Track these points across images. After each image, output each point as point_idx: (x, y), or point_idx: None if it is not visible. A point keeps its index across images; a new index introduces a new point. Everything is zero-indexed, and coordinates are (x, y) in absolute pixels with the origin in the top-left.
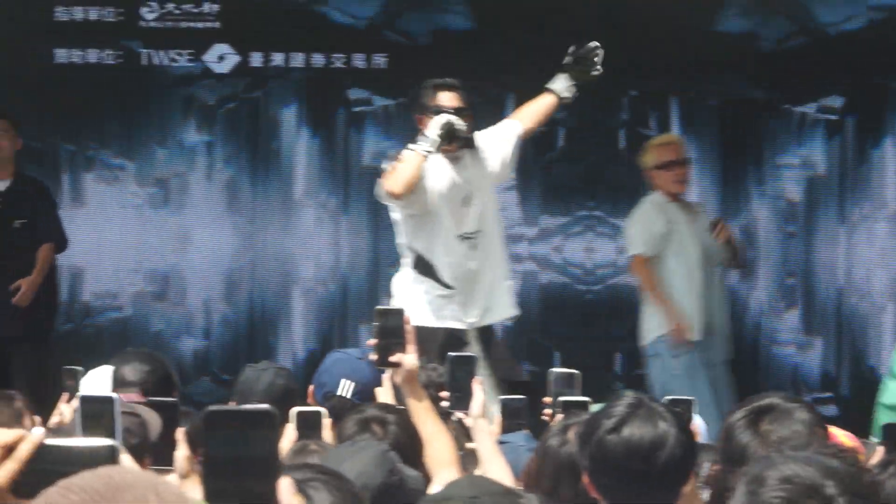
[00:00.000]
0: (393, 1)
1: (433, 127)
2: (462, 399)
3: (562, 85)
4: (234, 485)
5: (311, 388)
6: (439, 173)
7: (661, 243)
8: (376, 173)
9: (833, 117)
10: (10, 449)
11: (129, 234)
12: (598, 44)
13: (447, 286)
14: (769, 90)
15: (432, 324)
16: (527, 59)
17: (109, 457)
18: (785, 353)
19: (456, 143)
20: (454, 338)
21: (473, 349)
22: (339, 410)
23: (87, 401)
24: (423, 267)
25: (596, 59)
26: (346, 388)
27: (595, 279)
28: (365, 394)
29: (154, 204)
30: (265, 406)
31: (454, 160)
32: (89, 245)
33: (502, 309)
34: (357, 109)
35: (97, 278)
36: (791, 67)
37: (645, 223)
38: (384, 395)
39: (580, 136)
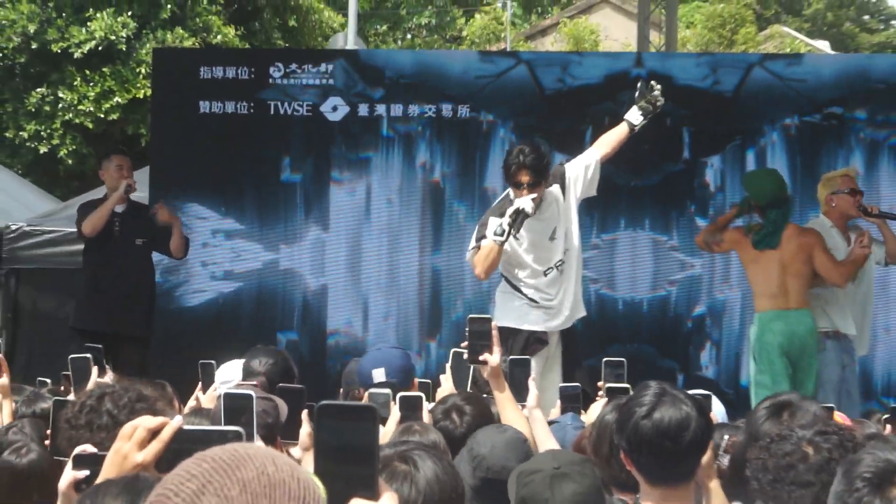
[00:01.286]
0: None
1: (505, 217)
2: (519, 393)
3: (634, 116)
4: (340, 468)
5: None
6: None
7: None
8: None
9: None
10: (155, 433)
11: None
12: (655, 82)
13: (534, 301)
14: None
15: (518, 326)
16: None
17: (235, 440)
18: None
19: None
20: (535, 339)
21: (552, 348)
22: (380, 394)
23: (229, 397)
24: (514, 287)
25: (656, 93)
26: (380, 375)
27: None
28: (397, 372)
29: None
30: (368, 403)
31: (537, 206)
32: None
33: (577, 312)
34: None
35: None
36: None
37: None
38: (446, 379)
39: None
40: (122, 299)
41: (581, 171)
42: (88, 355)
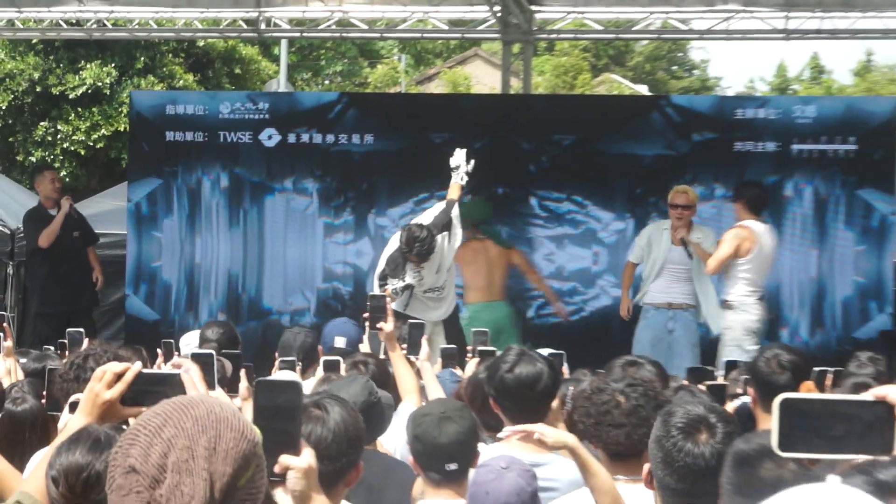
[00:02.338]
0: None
1: (399, 285)
2: (414, 348)
3: (461, 178)
4: (271, 426)
5: (320, 347)
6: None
7: (639, 252)
8: None
9: None
10: (119, 376)
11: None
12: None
13: (418, 298)
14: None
15: (402, 311)
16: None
17: (177, 381)
18: None
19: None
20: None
21: (432, 329)
22: (340, 356)
23: (196, 356)
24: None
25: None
26: (341, 343)
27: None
28: (351, 343)
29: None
30: (293, 379)
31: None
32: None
33: (450, 309)
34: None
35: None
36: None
37: (637, 238)
38: (364, 345)
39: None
40: (77, 281)
41: (459, 220)
42: (82, 329)
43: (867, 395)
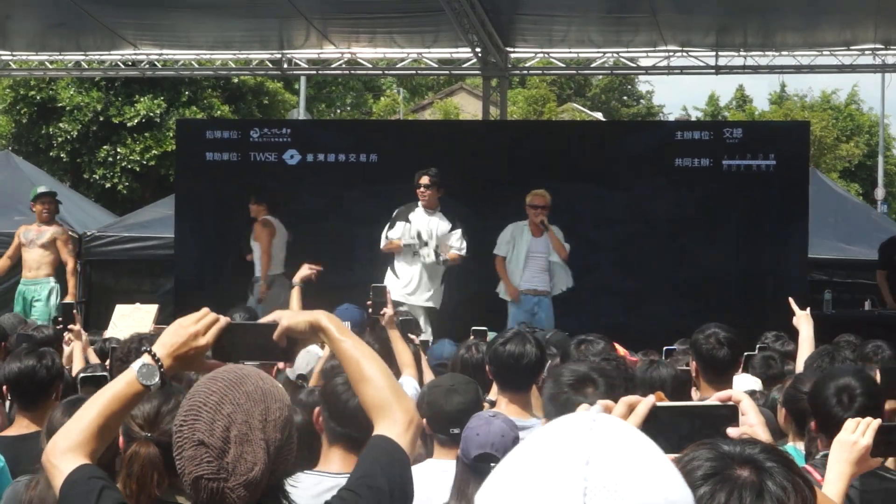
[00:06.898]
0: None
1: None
2: (414, 331)
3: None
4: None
5: None
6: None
7: (505, 247)
8: None
9: None
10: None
11: None
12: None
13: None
14: None
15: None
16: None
17: (271, 330)
18: None
19: None
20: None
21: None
22: None
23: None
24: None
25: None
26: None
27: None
28: (356, 325)
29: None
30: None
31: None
32: None
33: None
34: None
35: None
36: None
37: (501, 236)
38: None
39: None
40: None
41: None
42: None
43: (713, 399)
